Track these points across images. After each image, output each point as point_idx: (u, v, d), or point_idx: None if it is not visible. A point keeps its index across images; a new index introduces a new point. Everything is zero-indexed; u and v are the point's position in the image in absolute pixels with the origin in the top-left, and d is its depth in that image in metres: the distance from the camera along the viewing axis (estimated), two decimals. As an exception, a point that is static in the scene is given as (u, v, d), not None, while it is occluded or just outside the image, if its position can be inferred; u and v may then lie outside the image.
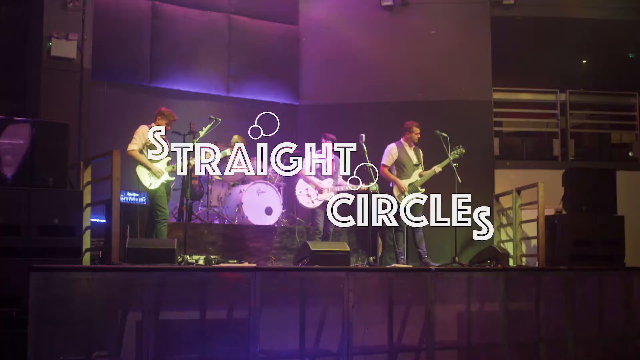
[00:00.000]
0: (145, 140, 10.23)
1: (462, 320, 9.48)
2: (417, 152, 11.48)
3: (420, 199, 10.64)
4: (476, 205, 11.49)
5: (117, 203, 9.33)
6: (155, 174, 10.25)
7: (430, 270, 9.20)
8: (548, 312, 9.89)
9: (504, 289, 9.54)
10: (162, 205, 10.32)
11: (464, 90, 14.06)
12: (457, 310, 9.50)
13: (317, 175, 11.30)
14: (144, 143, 10.27)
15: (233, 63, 14.77)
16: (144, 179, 10.25)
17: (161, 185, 10.33)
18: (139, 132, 10.33)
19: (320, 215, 11.28)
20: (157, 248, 9.06)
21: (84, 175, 9.78)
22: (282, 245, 11.80)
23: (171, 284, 8.17)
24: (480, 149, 13.45)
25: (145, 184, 10.24)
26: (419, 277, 9.30)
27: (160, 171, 10.29)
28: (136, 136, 10.29)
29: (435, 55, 14.21)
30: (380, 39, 14.46)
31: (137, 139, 10.27)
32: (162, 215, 10.29)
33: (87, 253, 9.59)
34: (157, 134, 9.79)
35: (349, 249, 9.61)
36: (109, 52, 13.16)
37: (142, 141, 10.27)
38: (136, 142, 10.26)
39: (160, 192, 10.33)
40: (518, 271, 10.36)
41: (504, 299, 9.51)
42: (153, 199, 10.34)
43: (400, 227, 11.15)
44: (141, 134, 10.29)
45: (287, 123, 13.08)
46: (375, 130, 12.37)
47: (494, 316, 9.58)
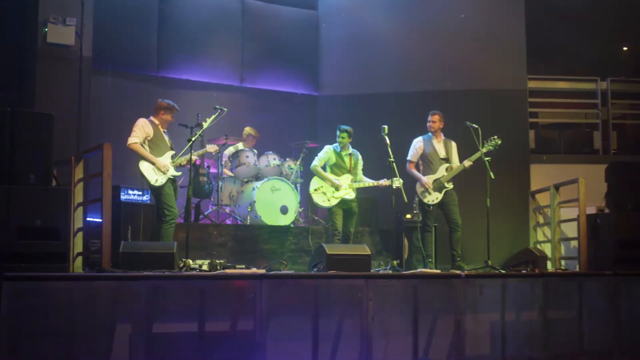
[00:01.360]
0: (146, 133, 9.64)
1: (495, 332, 8.86)
2: (446, 145, 10.94)
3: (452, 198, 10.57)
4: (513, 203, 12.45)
5: (108, 202, 8.50)
6: (160, 168, 9.56)
7: (460, 276, 8.64)
8: (591, 322, 9.21)
9: (543, 296, 8.98)
10: (169, 204, 9.64)
11: (497, 79, 13.48)
12: (490, 320, 8.88)
13: (332, 171, 10.84)
14: (145, 137, 9.65)
15: (247, 51, 14.24)
16: (149, 175, 9.57)
17: (168, 182, 9.66)
18: (138, 125, 9.69)
19: (338, 215, 10.70)
20: (154, 252, 8.34)
21: (75, 171, 8.96)
22: (299, 247, 11.20)
23: (166, 293, 7.51)
24: (515, 142, 12.77)
25: (150, 180, 9.56)
26: (447, 284, 8.67)
27: (165, 166, 9.62)
28: (136, 129, 9.65)
29: (464, 41, 13.59)
30: (406, 24, 13.86)
31: (138, 132, 9.63)
32: (170, 215, 9.60)
33: (78, 258, 8.86)
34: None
35: (370, 252, 8.92)
36: (112, 38, 12.62)
37: (142, 134, 9.64)
38: (137, 135, 9.60)
39: (167, 189, 9.67)
40: (558, 277, 9.57)
41: (542, 307, 8.95)
42: (160, 197, 9.67)
43: (427, 227, 10.81)
44: (141, 127, 9.67)
45: (306, 115, 14.43)
46: (400, 122, 11.81)
47: (531, 326, 8.97)
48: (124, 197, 10.33)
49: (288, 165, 12.06)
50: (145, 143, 9.64)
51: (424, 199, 10.70)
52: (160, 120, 9.85)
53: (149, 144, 9.65)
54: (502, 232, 11.89)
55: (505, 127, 11.93)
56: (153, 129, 9.72)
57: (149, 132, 9.63)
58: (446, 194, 10.70)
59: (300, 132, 13.36)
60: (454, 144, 11.00)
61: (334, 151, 10.80)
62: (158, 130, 9.79)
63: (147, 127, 9.66)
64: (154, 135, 9.69)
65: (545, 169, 13.44)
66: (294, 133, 13.32)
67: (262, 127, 12.96)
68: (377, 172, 10.81)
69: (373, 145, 10.62)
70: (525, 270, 9.66)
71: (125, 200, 10.32)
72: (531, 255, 10.25)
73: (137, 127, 9.64)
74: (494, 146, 10.45)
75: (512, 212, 12.68)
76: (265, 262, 10.45)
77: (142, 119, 9.74)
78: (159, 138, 9.77)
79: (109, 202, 8.45)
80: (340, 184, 10.65)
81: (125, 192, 10.43)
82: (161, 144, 9.76)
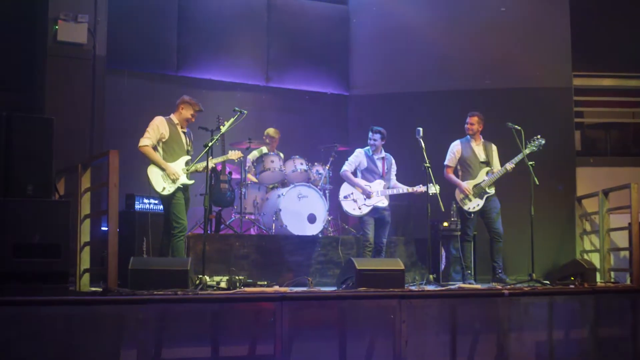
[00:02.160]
0: (160, 134, 9.01)
1: (542, 353, 8.41)
2: (486, 148, 10.56)
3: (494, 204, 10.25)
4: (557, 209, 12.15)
5: (115, 215, 7.81)
6: (169, 175, 8.91)
7: (503, 294, 8.19)
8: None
9: (593, 313, 8.64)
10: (179, 215, 8.98)
11: (540, 76, 12.96)
12: (536, 340, 8.45)
13: (364, 176, 10.27)
14: (159, 138, 9.02)
15: (273, 48, 13.79)
16: (157, 182, 8.92)
17: (178, 191, 8.99)
18: (153, 125, 9.07)
19: (369, 224, 10.20)
20: (166, 269, 7.80)
21: (82, 180, 8.31)
22: (327, 259, 10.60)
23: (176, 317, 7.04)
24: (560, 143, 12.35)
25: (157, 188, 8.91)
26: (488, 303, 8.25)
27: (175, 173, 8.95)
28: (150, 129, 9.03)
29: (505, 36, 13.16)
30: (441, 18, 13.39)
31: (151, 133, 9.00)
32: (178, 228, 8.95)
33: (85, 275, 8.26)
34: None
35: (403, 267, 8.47)
36: (128, 36, 12.22)
37: (156, 135, 9.01)
38: (149, 136, 8.98)
39: (178, 198, 9.01)
40: (610, 293, 9.13)
41: (593, 325, 8.62)
42: (168, 207, 9.04)
43: (467, 236, 10.48)
44: (155, 127, 9.04)
45: (335, 116, 14.02)
46: (436, 123, 11.59)
47: (581, 346, 8.61)
48: (139, 207, 9.97)
49: (316, 170, 11.56)
50: (160, 145, 9.03)
51: (463, 206, 10.31)
52: (180, 118, 9.21)
53: (162, 146, 9.03)
54: (546, 241, 11.49)
55: (549, 128, 11.47)
56: (170, 129, 9.08)
57: (163, 133, 9.00)
58: (488, 201, 10.30)
59: (330, 135, 12.88)
60: (494, 146, 10.62)
61: (365, 154, 10.34)
62: (176, 130, 9.14)
63: (163, 127, 9.03)
64: (169, 137, 9.05)
65: (592, 172, 12.98)
66: (323, 136, 12.85)
67: (289, 130, 12.65)
68: (412, 177, 10.40)
69: (407, 148, 10.39)
70: (574, 285, 9.23)
71: (140, 209, 9.94)
72: (579, 268, 9.84)
73: (150, 127, 9.03)
74: (537, 147, 10.06)
75: (556, 218, 12.28)
76: (292, 274, 10.09)
77: (158, 118, 9.12)
78: (175, 140, 9.12)
79: (115, 215, 7.78)
80: (372, 190, 10.17)
81: (140, 200, 10.04)
82: (176, 147, 9.12)
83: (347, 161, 10.38)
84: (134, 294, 7.21)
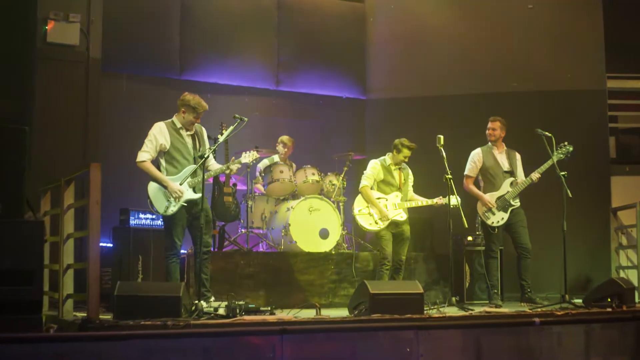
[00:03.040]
0: (160, 145, 8.17)
1: None
2: (510, 157, 10.07)
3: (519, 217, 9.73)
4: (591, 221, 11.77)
5: (96, 236, 6.99)
6: (172, 193, 8.12)
7: (534, 323, 7.49)
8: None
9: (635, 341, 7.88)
10: (175, 237, 8.22)
11: (570, 78, 12.59)
12: None
13: (380, 188, 9.87)
14: (159, 149, 8.19)
15: (284, 50, 13.44)
16: (158, 202, 8.14)
17: (181, 210, 8.21)
18: (150, 135, 8.21)
19: (387, 240, 9.70)
20: (156, 296, 7.15)
21: (65, 196, 7.61)
22: (341, 278, 10.18)
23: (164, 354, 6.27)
24: (593, 150, 12.10)
25: (159, 209, 8.14)
26: (517, 333, 7.51)
27: (178, 191, 8.13)
28: (147, 141, 8.19)
29: (532, 35, 12.78)
30: (464, 17, 13.06)
31: (149, 145, 8.16)
32: (172, 249, 8.21)
33: (69, 300, 7.57)
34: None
35: (422, 290, 7.92)
36: (126, 37, 11.83)
37: (155, 147, 8.17)
38: (147, 149, 8.14)
39: (179, 219, 8.22)
40: None
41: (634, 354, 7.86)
42: (169, 226, 8.28)
43: (492, 252, 9.87)
44: (153, 138, 8.19)
45: (351, 122, 13.72)
46: (459, 129, 11.31)
47: None
48: (134, 222, 9.34)
49: (329, 180, 11.12)
50: (162, 156, 8.24)
51: (486, 220, 9.78)
52: (184, 121, 8.35)
53: (165, 157, 8.22)
54: (578, 255, 11.09)
55: (580, 133, 11.41)
56: (171, 136, 8.24)
57: (163, 143, 8.16)
58: (513, 214, 9.76)
59: (345, 142, 12.70)
60: (518, 155, 10.16)
61: (382, 165, 9.83)
62: (179, 136, 8.28)
63: (162, 136, 8.18)
64: (171, 146, 8.21)
65: (628, 182, 12.53)
66: (337, 143, 12.65)
67: (300, 137, 12.15)
68: (432, 189, 9.95)
69: (426, 156, 9.83)
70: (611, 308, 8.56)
71: (135, 225, 9.31)
72: (616, 288, 9.03)
73: (147, 139, 8.21)
74: (565, 154, 9.55)
75: (589, 231, 11.87)
76: (302, 295, 9.75)
77: (157, 125, 8.27)
78: (178, 148, 8.27)
79: (96, 236, 6.98)
80: (387, 213, 9.66)
81: (136, 215, 9.37)
82: (180, 157, 8.27)
83: (365, 175, 9.87)
84: (117, 324, 6.60)
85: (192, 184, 8.17)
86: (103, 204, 7.59)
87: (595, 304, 8.82)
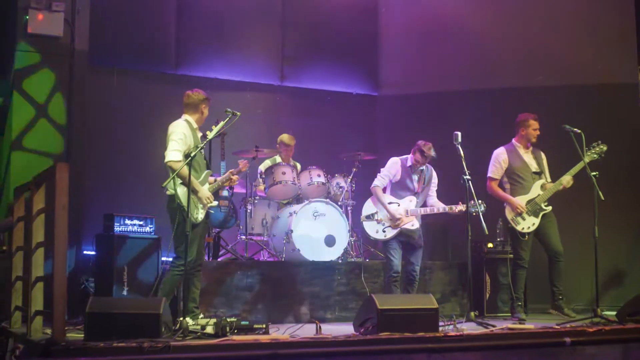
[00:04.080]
0: (188, 146, 7.40)
1: None
2: (537, 157, 9.61)
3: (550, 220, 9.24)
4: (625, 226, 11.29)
5: (63, 247, 6.16)
6: (202, 199, 7.49)
7: (565, 344, 7.09)
8: None
9: None
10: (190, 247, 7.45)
11: (600, 71, 12.02)
12: None
13: (394, 191, 9.13)
14: (186, 150, 7.40)
15: (289, 43, 13.07)
16: (191, 208, 7.38)
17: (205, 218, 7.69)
18: (179, 133, 7.44)
19: (395, 249, 9.01)
20: (133, 313, 6.51)
21: (34, 200, 6.94)
22: (349, 290, 9.61)
23: None
24: (625, 148, 11.33)
25: (193, 216, 7.44)
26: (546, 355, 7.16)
27: (209, 197, 7.54)
28: (178, 139, 7.41)
29: (559, 25, 12.26)
30: (484, 7, 12.59)
31: (180, 144, 7.40)
32: (182, 260, 7.44)
33: (37, 318, 6.83)
34: None
35: (437, 305, 7.36)
36: (117, 29, 11.42)
37: (185, 147, 7.42)
38: (179, 149, 7.38)
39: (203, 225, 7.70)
40: None
41: None
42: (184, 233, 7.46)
43: (521, 260, 9.35)
44: (183, 136, 7.42)
45: (361, 119, 13.32)
46: (478, 127, 11.03)
47: None
48: (120, 229, 9.02)
49: (336, 183, 10.67)
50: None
51: (516, 226, 9.26)
52: (201, 119, 7.75)
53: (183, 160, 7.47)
54: (610, 264, 10.74)
55: (613, 130, 10.96)
56: (193, 136, 7.57)
57: (190, 144, 7.44)
58: (544, 218, 9.28)
59: (354, 141, 12.16)
60: (543, 154, 9.74)
61: (402, 165, 9.12)
62: (196, 137, 7.60)
63: (189, 135, 7.49)
64: (194, 147, 7.46)
65: None
66: (346, 142, 12.13)
67: (306, 136, 11.87)
68: (450, 192, 9.37)
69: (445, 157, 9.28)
70: None
71: (121, 232, 8.88)
72: None
73: (177, 137, 7.42)
74: (598, 154, 9.12)
75: (623, 237, 11.36)
76: (305, 309, 9.24)
77: (179, 124, 7.56)
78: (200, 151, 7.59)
79: (62, 246, 6.16)
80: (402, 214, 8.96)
81: (121, 222, 8.99)
82: (200, 159, 7.67)
83: (380, 174, 9.25)
84: (85, 347, 5.89)
85: (211, 189, 7.65)
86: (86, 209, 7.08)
87: (630, 318, 8.34)
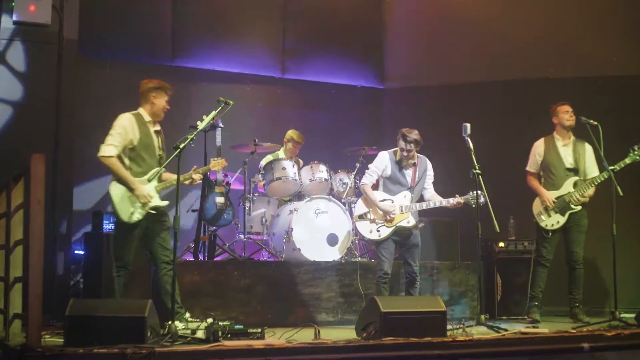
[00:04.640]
0: (128, 139, 7.11)
1: None
2: (577, 150, 9.24)
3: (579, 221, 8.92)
4: None
5: (38, 244, 5.82)
6: (139, 198, 7.07)
7: (583, 349, 6.79)
8: None
9: None
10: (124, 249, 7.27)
11: (616, 62, 11.68)
12: None
13: (386, 186, 8.60)
14: (126, 144, 7.11)
15: (290, 34, 12.77)
16: (123, 207, 7.10)
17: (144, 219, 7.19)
18: (119, 126, 7.15)
19: (386, 249, 8.43)
20: (116, 316, 6.19)
21: (13, 196, 6.63)
22: (352, 291, 9.21)
23: None
24: None
25: (123, 215, 7.09)
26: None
27: (147, 195, 7.10)
28: (115, 133, 7.13)
29: (571, 15, 11.96)
30: None
31: (117, 139, 7.11)
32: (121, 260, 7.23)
33: (16, 321, 6.61)
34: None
35: (445, 307, 7.04)
36: (110, 18, 11.15)
37: (124, 141, 7.12)
38: (115, 143, 7.07)
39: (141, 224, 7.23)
40: None
41: None
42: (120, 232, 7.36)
43: (543, 259, 9.09)
44: (123, 130, 7.13)
45: (367, 113, 13.05)
46: (488, 119, 10.91)
47: None
48: (109, 227, 8.96)
49: (340, 179, 10.28)
50: (125, 153, 7.15)
51: (540, 222, 9.06)
52: (153, 111, 7.36)
53: (129, 154, 7.14)
54: (629, 265, 10.15)
55: (629, 123, 10.75)
56: (140, 130, 7.20)
57: (132, 139, 7.11)
58: (572, 220, 9.00)
59: (359, 136, 11.88)
60: (588, 146, 9.27)
61: (391, 159, 8.55)
62: (147, 131, 7.27)
63: (132, 130, 7.13)
64: (139, 141, 7.16)
65: None
66: (351, 137, 11.84)
67: (309, 130, 11.47)
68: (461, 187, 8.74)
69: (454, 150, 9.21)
70: None
71: (110, 231, 8.70)
72: None
73: (116, 130, 7.12)
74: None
75: None
76: (306, 311, 8.88)
77: (124, 116, 7.22)
78: (146, 146, 7.24)
79: (39, 244, 5.84)
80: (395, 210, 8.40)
81: (110, 219, 8.90)
82: (147, 155, 7.26)
83: (368, 170, 8.73)
84: (62, 354, 5.57)
85: (159, 188, 7.21)
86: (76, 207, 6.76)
87: (650, 323, 8.18)
